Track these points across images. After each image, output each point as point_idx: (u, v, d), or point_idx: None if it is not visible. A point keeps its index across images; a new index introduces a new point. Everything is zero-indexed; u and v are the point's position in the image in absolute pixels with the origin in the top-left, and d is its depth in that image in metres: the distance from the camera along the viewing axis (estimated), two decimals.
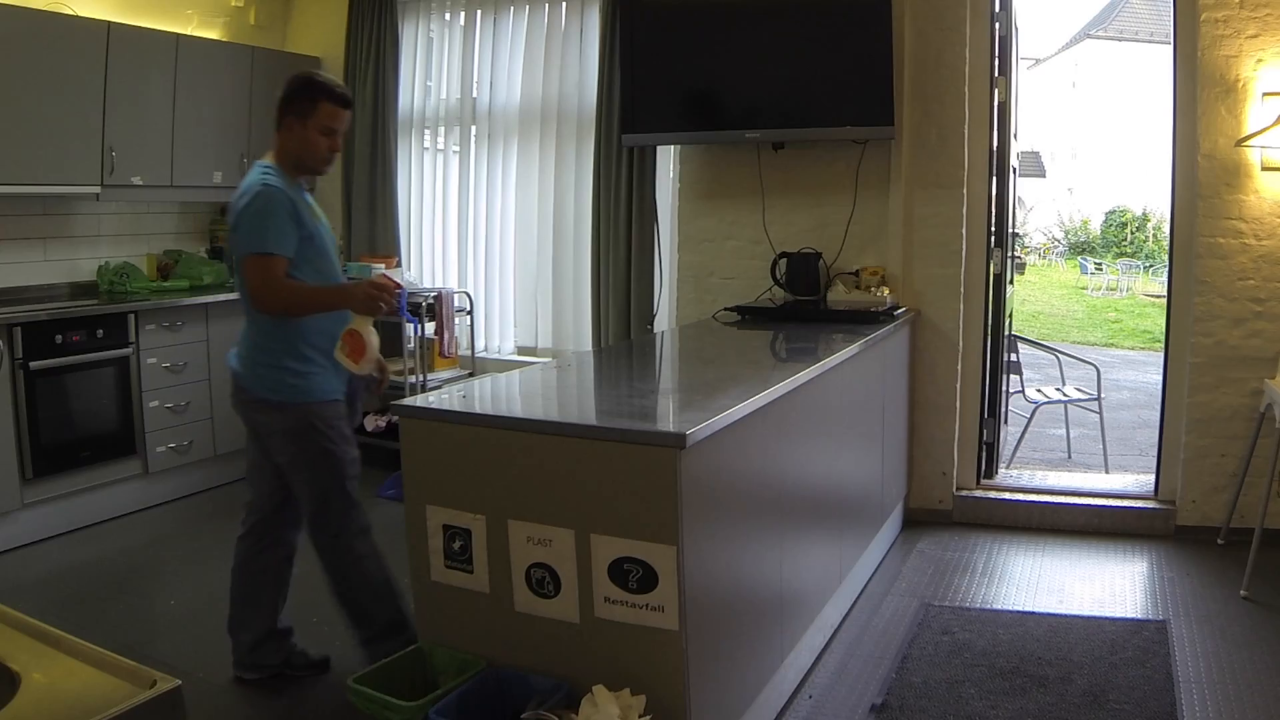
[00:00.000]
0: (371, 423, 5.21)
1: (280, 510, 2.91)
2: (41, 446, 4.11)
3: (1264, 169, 3.89)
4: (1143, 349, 11.87)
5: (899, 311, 4.09)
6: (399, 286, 2.72)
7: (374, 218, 5.51)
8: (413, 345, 5.11)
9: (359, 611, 2.88)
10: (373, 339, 2.68)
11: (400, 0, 5.43)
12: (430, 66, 5.56)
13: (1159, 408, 4.33)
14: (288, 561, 2.98)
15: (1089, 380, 5.88)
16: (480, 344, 5.52)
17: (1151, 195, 20.69)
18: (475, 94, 5.38)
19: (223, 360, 2.91)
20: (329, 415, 2.78)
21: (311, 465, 2.77)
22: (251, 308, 2.73)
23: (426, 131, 5.59)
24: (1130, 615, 3.43)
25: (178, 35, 4.92)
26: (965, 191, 4.26)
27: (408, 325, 5.07)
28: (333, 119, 2.77)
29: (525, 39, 5.20)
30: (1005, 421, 5.01)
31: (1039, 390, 5.68)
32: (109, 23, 4.52)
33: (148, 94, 4.73)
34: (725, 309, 4.20)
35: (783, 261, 4.30)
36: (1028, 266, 21.11)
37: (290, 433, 2.76)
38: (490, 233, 5.44)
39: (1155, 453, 4.37)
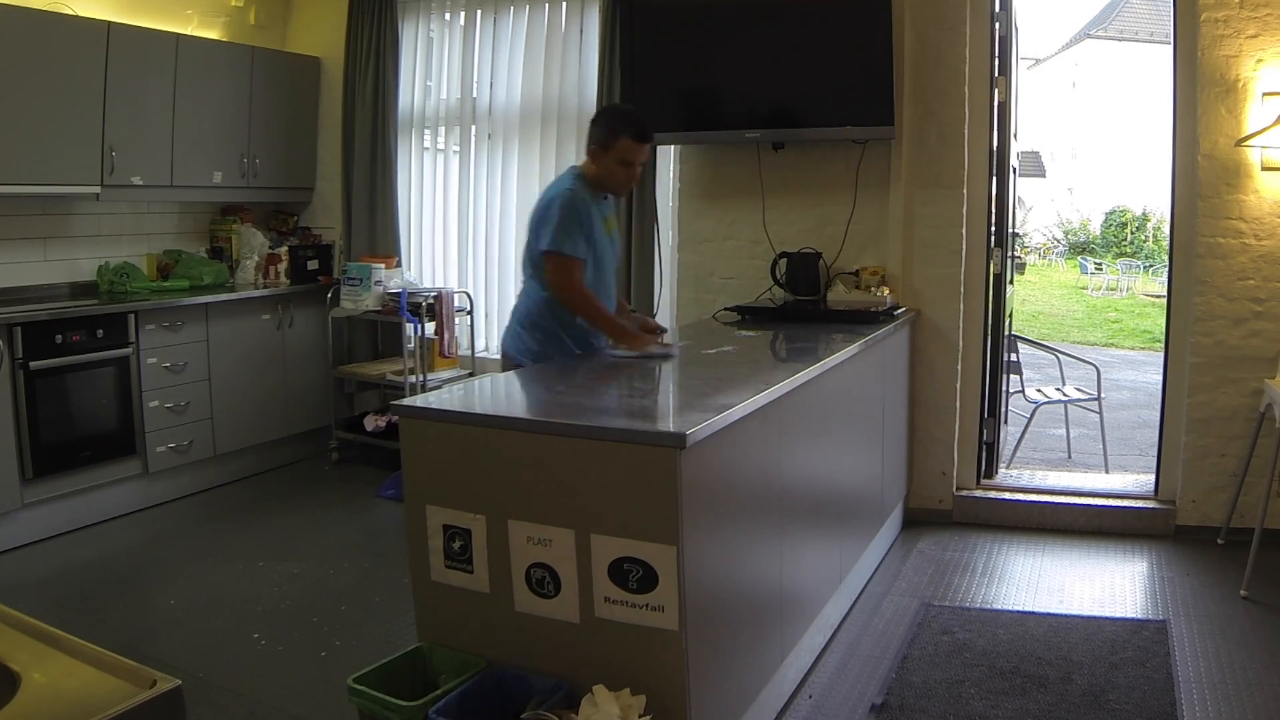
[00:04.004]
0: (371, 423, 5.21)
1: None
2: (41, 446, 4.10)
3: (1264, 169, 3.89)
4: (1143, 349, 11.86)
5: (899, 311, 4.08)
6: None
7: (374, 218, 5.51)
8: (413, 345, 5.11)
9: None
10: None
11: (400, 0, 5.43)
12: (430, 66, 5.55)
13: (1159, 408, 4.33)
14: None
15: (1089, 380, 5.88)
16: (480, 344, 5.51)
17: (1151, 195, 20.68)
18: (475, 94, 5.38)
19: (222, 360, 2.90)
20: None
21: None
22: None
23: (426, 131, 5.58)
24: (1130, 615, 3.43)
25: (178, 35, 4.92)
26: (965, 191, 4.25)
27: (408, 325, 5.07)
28: (630, 153, 3.05)
29: (525, 39, 5.19)
30: (1005, 421, 5.01)
31: (1039, 390, 5.67)
32: (109, 23, 4.52)
33: (148, 94, 4.72)
34: (725, 309, 4.19)
35: (783, 261, 4.30)
36: (1028, 266, 21.10)
37: None
38: (490, 233, 5.43)
39: (1155, 453, 4.37)
